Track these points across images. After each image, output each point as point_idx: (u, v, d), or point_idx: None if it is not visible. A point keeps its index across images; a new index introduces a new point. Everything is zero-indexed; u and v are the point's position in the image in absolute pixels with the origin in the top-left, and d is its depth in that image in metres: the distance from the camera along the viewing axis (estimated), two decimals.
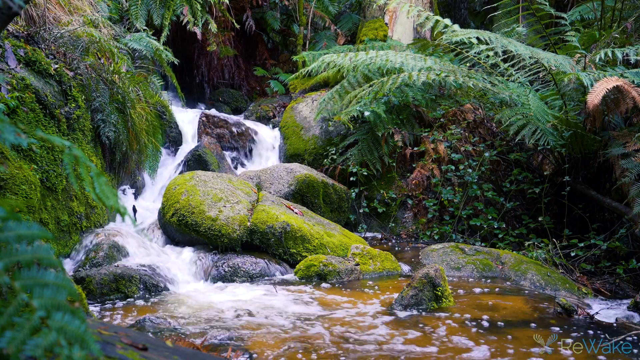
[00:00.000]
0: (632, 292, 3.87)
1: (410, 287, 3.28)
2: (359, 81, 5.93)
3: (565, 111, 4.60)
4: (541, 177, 5.12)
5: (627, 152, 4.02)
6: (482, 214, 5.22)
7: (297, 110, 6.63)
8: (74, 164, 1.06)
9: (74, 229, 3.92)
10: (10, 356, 0.74)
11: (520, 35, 5.76)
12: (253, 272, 3.92)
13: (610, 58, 4.46)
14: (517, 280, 3.92)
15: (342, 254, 4.28)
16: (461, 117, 5.88)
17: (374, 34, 7.77)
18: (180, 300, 3.41)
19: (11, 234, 0.88)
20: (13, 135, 0.99)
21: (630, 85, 3.95)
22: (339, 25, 9.22)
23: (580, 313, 3.20)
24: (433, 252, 4.37)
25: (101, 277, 3.40)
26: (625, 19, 5.12)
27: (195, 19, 6.87)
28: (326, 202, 5.32)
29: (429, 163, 5.61)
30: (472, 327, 2.95)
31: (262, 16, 8.64)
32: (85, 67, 4.27)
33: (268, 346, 2.59)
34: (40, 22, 4.29)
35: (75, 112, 4.04)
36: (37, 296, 0.83)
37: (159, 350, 1.23)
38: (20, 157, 3.45)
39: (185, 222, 4.13)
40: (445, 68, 5.18)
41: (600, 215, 4.72)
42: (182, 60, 7.41)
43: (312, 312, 3.17)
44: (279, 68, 8.71)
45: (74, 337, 0.79)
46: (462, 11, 10.89)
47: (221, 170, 5.85)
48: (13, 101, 3.46)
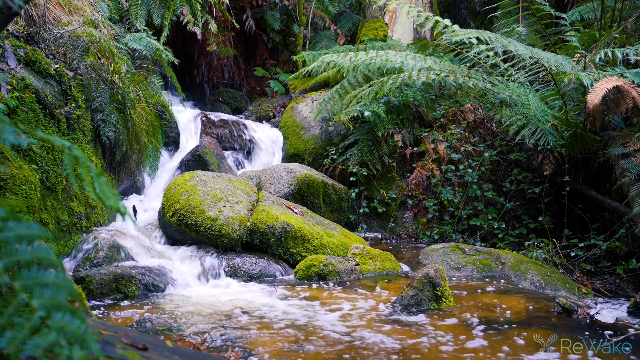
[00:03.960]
0: (632, 292, 3.87)
1: (410, 287, 3.28)
2: (359, 81, 5.93)
3: (565, 111, 4.60)
4: (541, 177, 5.12)
5: (627, 152, 4.02)
6: (482, 214, 5.22)
7: (297, 110, 6.63)
8: (74, 164, 1.06)
9: (74, 229, 3.92)
10: (10, 356, 0.74)
11: (520, 36, 5.77)
12: (253, 272, 3.93)
13: (610, 58, 4.46)
14: (517, 280, 3.92)
15: (342, 254, 4.28)
16: (461, 117, 5.88)
17: (374, 34, 7.77)
18: (180, 300, 3.41)
19: (11, 234, 0.88)
20: (13, 135, 0.99)
21: (630, 85, 3.95)
22: (339, 25, 9.22)
23: (580, 313, 3.20)
24: (433, 252, 4.37)
25: (101, 277, 3.40)
26: (625, 19, 5.12)
27: (195, 19, 6.88)
28: (326, 202, 5.32)
29: (429, 163, 5.61)
30: (472, 327, 2.95)
31: (262, 16, 8.64)
32: (85, 67, 4.27)
33: (268, 346, 2.59)
34: (40, 22, 4.29)
35: (75, 112, 4.04)
36: (37, 296, 0.83)
37: (159, 350, 1.23)
38: (20, 157, 3.45)
39: (185, 222, 4.13)
40: (445, 68, 5.18)
41: (600, 215, 4.72)
42: (182, 60, 7.41)
43: (312, 312, 3.17)
44: (279, 68, 8.72)
45: (74, 337, 0.79)
46: (462, 11, 10.89)
47: (221, 170, 5.85)
48: (13, 101, 3.46)
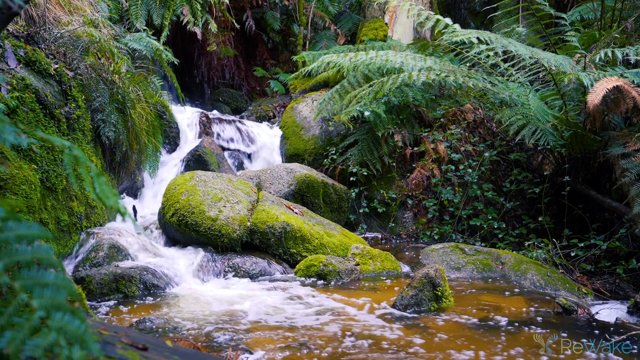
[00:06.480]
0: (632, 292, 3.86)
1: (410, 287, 3.28)
2: (359, 81, 5.92)
3: (565, 111, 4.60)
4: (541, 177, 5.12)
5: (627, 152, 4.02)
6: (482, 214, 5.21)
7: (297, 110, 6.63)
8: (74, 164, 1.06)
9: (74, 229, 3.92)
10: (10, 356, 0.74)
11: (520, 36, 5.76)
12: (253, 272, 3.93)
13: (610, 58, 4.46)
14: (517, 280, 3.92)
15: (342, 254, 4.28)
16: (461, 117, 5.88)
17: (374, 34, 7.77)
18: (180, 300, 3.41)
19: (11, 234, 0.88)
20: (13, 135, 0.99)
21: (630, 85, 3.95)
22: (339, 25, 9.22)
23: (580, 313, 3.20)
24: (433, 252, 4.37)
25: (101, 277, 3.40)
26: (625, 19, 5.12)
27: (195, 19, 6.88)
28: (326, 202, 5.32)
29: (429, 163, 5.61)
30: (472, 327, 2.95)
31: (262, 16, 8.64)
32: (85, 67, 4.26)
33: (268, 346, 2.59)
34: (40, 22, 4.29)
35: (75, 112, 4.04)
36: (37, 296, 0.83)
37: (159, 350, 1.23)
38: (20, 157, 3.45)
39: (185, 222, 4.13)
40: (445, 68, 5.18)
41: (600, 215, 4.72)
42: (182, 60, 7.41)
43: (312, 312, 3.17)
44: (279, 68, 8.72)
45: (74, 337, 0.79)
46: (462, 11, 10.89)
47: (221, 170, 5.84)
48: (13, 101, 3.46)
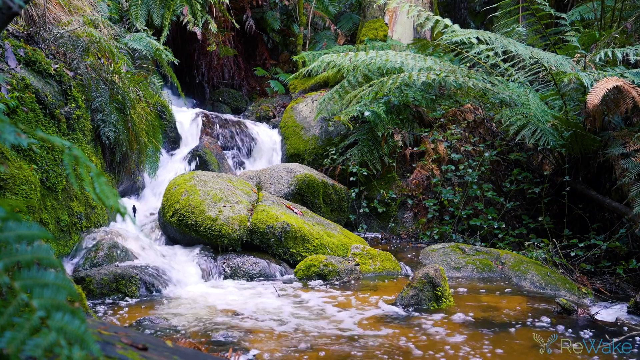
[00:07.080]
0: (632, 292, 3.86)
1: (410, 287, 3.28)
2: (359, 81, 5.92)
3: (565, 111, 4.60)
4: (541, 177, 5.12)
5: (627, 152, 4.02)
6: (482, 214, 5.21)
7: (297, 110, 6.63)
8: (74, 164, 1.06)
9: (74, 229, 3.92)
10: (10, 356, 0.74)
11: (520, 36, 5.76)
12: (253, 272, 3.93)
13: (610, 58, 4.46)
14: (517, 280, 3.92)
15: (342, 254, 4.28)
16: (461, 117, 5.88)
17: (374, 34, 7.77)
18: (180, 300, 3.41)
19: (11, 234, 0.88)
20: (13, 135, 0.99)
21: (630, 85, 3.95)
22: (339, 25, 9.22)
23: (580, 313, 3.20)
24: (433, 252, 4.37)
25: (101, 277, 3.40)
26: (625, 19, 5.12)
27: (195, 19, 6.87)
28: (326, 202, 5.32)
29: (429, 163, 5.61)
30: (472, 327, 2.95)
31: (262, 16, 8.64)
32: (85, 67, 4.26)
33: (268, 346, 2.59)
34: (40, 22, 4.29)
35: (75, 112, 4.04)
36: (37, 296, 0.83)
37: (159, 350, 1.23)
38: (20, 157, 3.45)
39: (185, 222, 4.13)
40: (445, 68, 5.18)
41: (600, 215, 4.72)
42: (182, 60, 7.41)
43: (312, 312, 3.17)
44: (279, 68, 8.71)
45: (73, 337, 0.79)
46: (462, 11, 10.89)
47: (221, 170, 5.85)
48: (13, 101, 3.46)
